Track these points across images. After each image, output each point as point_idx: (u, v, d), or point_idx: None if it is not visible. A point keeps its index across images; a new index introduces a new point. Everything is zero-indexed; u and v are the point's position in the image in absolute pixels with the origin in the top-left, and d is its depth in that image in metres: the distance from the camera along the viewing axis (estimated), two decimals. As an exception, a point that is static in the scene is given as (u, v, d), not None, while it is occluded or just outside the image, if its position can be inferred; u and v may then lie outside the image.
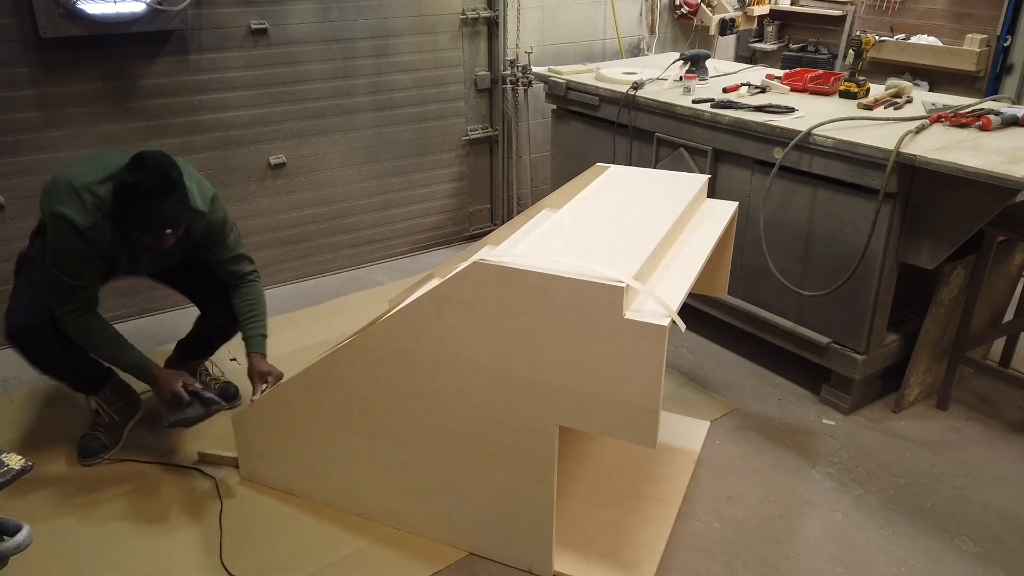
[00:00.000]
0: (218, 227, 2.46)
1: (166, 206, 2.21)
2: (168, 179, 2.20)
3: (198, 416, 2.38)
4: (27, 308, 2.38)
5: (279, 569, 2.18)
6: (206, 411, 2.39)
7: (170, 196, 2.21)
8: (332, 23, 3.68)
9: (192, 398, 2.37)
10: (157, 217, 2.21)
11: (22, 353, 2.39)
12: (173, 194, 2.22)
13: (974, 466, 2.63)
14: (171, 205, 2.22)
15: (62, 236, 2.25)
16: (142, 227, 2.23)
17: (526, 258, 1.85)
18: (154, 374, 2.38)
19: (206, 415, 2.39)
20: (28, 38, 3.02)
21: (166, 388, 2.35)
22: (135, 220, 2.22)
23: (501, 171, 4.50)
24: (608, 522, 2.33)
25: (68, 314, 2.32)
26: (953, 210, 2.50)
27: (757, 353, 3.27)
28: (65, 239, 2.25)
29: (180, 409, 2.37)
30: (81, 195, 2.24)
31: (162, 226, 2.23)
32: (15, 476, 1.33)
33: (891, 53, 4.79)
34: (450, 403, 2.05)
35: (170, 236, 2.27)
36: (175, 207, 2.23)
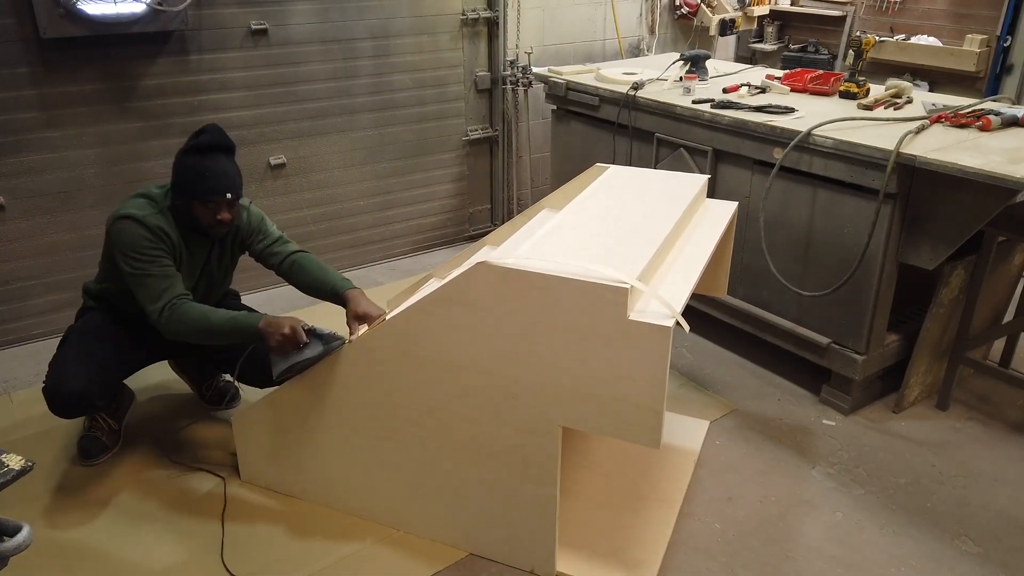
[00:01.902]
0: (259, 218, 2.54)
1: (228, 166, 2.30)
2: (228, 140, 2.33)
3: (316, 356, 2.15)
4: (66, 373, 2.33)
5: (279, 569, 2.17)
6: (326, 348, 2.16)
7: (230, 158, 2.32)
8: (332, 23, 3.68)
9: (310, 337, 2.16)
10: (219, 177, 2.26)
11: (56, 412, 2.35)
12: (228, 158, 2.32)
13: (974, 466, 2.63)
14: (231, 167, 2.31)
15: (127, 234, 2.25)
16: (203, 187, 2.26)
17: (530, 259, 1.85)
18: (261, 328, 2.18)
19: (326, 353, 2.16)
20: (28, 38, 3.02)
21: (278, 333, 2.14)
22: (197, 180, 2.26)
23: (501, 171, 4.51)
24: (609, 522, 2.33)
25: (163, 311, 2.22)
26: (953, 210, 2.51)
27: (757, 353, 3.27)
28: (130, 235, 2.25)
29: (295, 353, 2.15)
30: (138, 198, 2.34)
31: (224, 186, 2.27)
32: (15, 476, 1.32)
33: (891, 53, 4.80)
34: (453, 404, 2.05)
35: (227, 206, 2.31)
36: (234, 170, 2.32)
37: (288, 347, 2.15)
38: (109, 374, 2.42)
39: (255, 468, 2.47)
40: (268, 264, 2.54)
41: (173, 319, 2.23)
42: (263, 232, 2.53)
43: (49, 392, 2.33)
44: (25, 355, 3.29)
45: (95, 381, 2.34)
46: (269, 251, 2.52)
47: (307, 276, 2.48)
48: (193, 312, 2.24)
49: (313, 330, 2.17)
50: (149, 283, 2.25)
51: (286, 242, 2.55)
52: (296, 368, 2.16)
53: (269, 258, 2.53)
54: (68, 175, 3.27)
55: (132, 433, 2.73)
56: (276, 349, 2.16)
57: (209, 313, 2.24)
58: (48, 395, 2.34)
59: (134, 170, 3.41)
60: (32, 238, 3.27)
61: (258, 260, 2.56)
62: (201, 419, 2.82)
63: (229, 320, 2.23)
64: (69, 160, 3.26)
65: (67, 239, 3.35)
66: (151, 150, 3.43)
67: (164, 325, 2.24)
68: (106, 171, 3.35)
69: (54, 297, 3.39)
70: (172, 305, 2.23)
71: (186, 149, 2.30)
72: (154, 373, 2.96)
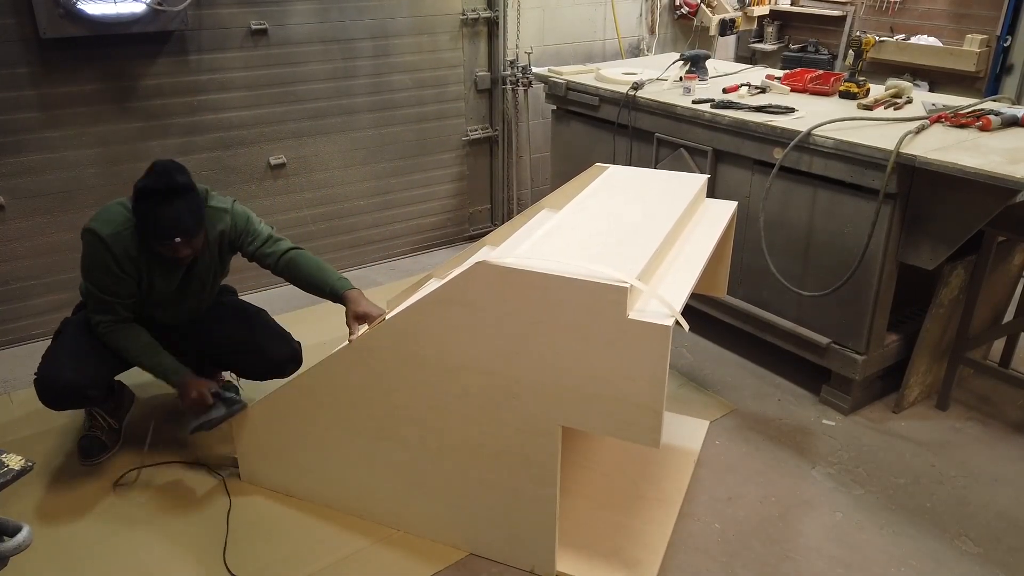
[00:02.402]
0: (244, 219, 2.48)
1: (174, 210, 2.20)
2: (174, 183, 2.21)
3: (220, 418, 2.37)
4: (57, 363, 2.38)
5: (280, 569, 2.17)
6: (228, 411, 2.38)
7: (177, 200, 2.21)
8: (332, 24, 3.68)
9: (215, 400, 2.37)
10: (167, 221, 2.20)
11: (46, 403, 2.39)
12: (181, 199, 2.22)
13: (974, 466, 2.63)
14: (179, 210, 2.21)
15: (88, 249, 2.30)
16: (152, 232, 2.24)
17: (529, 259, 1.85)
18: (181, 380, 2.37)
19: (228, 415, 2.38)
20: (28, 38, 3.02)
21: (191, 393, 2.34)
22: (146, 225, 2.24)
23: (501, 171, 4.51)
24: (609, 522, 2.33)
25: (101, 324, 2.36)
26: (953, 210, 2.51)
27: (757, 353, 3.27)
28: (91, 251, 2.29)
29: (204, 412, 2.36)
30: (111, 209, 2.33)
31: (172, 231, 2.21)
32: (15, 476, 1.33)
33: (891, 53, 4.80)
34: (453, 404, 2.05)
35: (182, 246, 2.26)
36: (184, 213, 2.22)
37: (196, 410, 2.37)
38: (101, 366, 2.42)
39: (255, 468, 2.47)
40: (263, 265, 2.51)
41: (108, 336, 2.38)
42: (251, 233, 2.48)
43: (39, 383, 2.35)
44: (25, 355, 3.29)
45: (86, 373, 2.36)
46: (261, 252, 2.48)
47: (304, 275, 2.46)
48: (128, 340, 2.38)
49: (219, 394, 2.38)
50: (95, 299, 2.36)
51: (277, 240, 2.50)
52: (204, 426, 2.39)
53: (263, 259, 2.49)
54: (68, 175, 3.27)
55: (132, 433, 2.73)
56: (186, 408, 2.39)
57: (142, 349, 2.39)
58: (38, 386, 2.36)
59: (134, 170, 3.39)
60: (32, 238, 3.27)
61: (252, 261, 2.53)
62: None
63: (155, 364, 2.39)
64: (69, 160, 3.26)
65: (67, 239, 3.34)
66: (151, 150, 3.43)
67: (100, 337, 2.39)
68: (106, 171, 3.35)
69: (54, 297, 3.39)
70: (108, 325, 2.37)
71: (136, 191, 2.23)
72: (154, 373, 2.96)
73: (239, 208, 2.49)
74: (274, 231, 2.54)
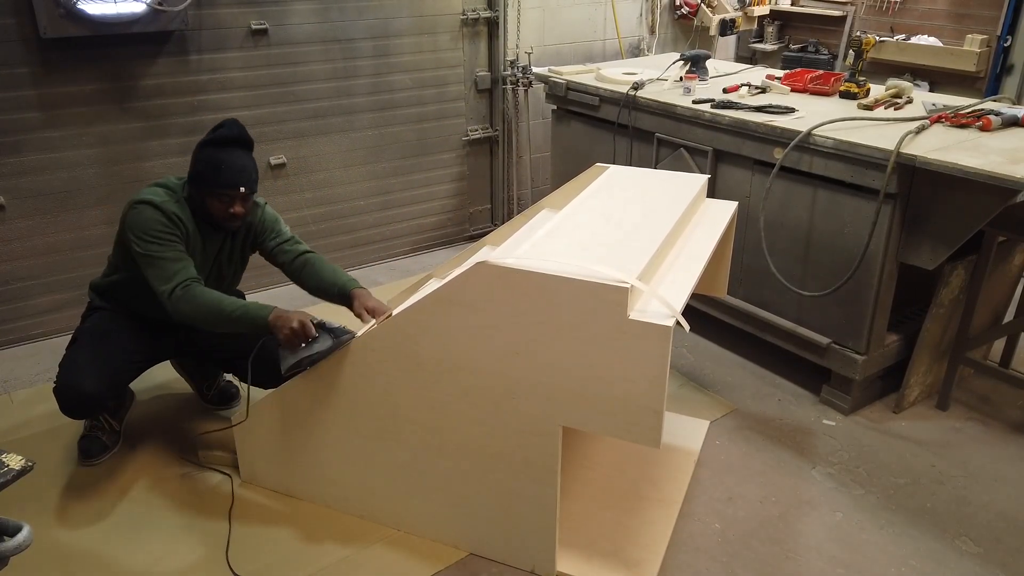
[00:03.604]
0: (272, 218, 2.55)
1: (244, 159, 2.32)
2: (247, 136, 2.35)
3: (325, 351, 2.13)
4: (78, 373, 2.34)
5: (281, 568, 2.17)
6: (336, 342, 2.13)
7: (247, 153, 2.34)
8: (332, 24, 3.68)
9: (319, 331, 2.14)
10: (236, 168, 2.28)
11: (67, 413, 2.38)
12: (249, 152, 2.35)
13: (974, 466, 2.63)
14: (248, 161, 2.33)
15: (142, 217, 2.26)
16: (219, 178, 2.27)
17: (530, 259, 1.85)
18: (270, 321, 2.16)
19: (336, 347, 2.13)
20: (28, 38, 3.02)
21: (292, 322, 2.12)
22: (215, 170, 2.27)
23: (501, 171, 4.51)
24: (610, 522, 2.33)
25: (174, 291, 2.22)
26: (953, 210, 2.51)
27: (757, 353, 3.27)
28: (145, 219, 2.26)
29: (305, 347, 2.13)
30: (151, 188, 2.35)
31: (238, 180, 2.29)
32: (15, 476, 1.32)
33: (891, 53, 4.80)
34: (453, 404, 2.05)
35: (242, 199, 2.32)
36: (251, 165, 2.34)
37: (297, 341, 2.12)
38: (119, 375, 2.43)
39: (255, 469, 2.47)
40: (278, 262, 2.52)
41: (184, 299, 2.21)
42: (276, 232, 2.53)
43: (62, 393, 2.34)
44: (25, 355, 3.29)
45: (106, 383, 2.36)
46: (280, 248, 2.50)
47: (317, 276, 2.46)
48: (205, 296, 2.23)
49: (323, 324, 2.15)
50: (161, 264, 2.25)
51: (298, 242, 2.55)
52: (305, 363, 2.14)
53: (279, 255, 2.51)
54: (68, 175, 3.27)
55: (133, 433, 2.73)
56: (285, 343, 2.13)
57: (221, 298, 2.23)
58: (61, 396, 2.34)
59: (134, 170, 3.41)
60: (32, 238, 3.27)
61: (268, 258, 2.55)
62: (202, 419, 2.82)
63: (240, 308, 2.21)
64: (69, 160, 3.26)
65: (67, 239, 3.34)
66: (151, 150, 3.43)
67: (174, 305, 2.22)
68: (106, 171, 3.35)
69: (54, 297, 3.39)
70: (185, 285, 2.23)
71: (204, 142, 2.31)
72: (155, 373, 2.95)
73: (271, 209, 2.58)
74: (296, 235, 2.59)
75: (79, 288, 2.66)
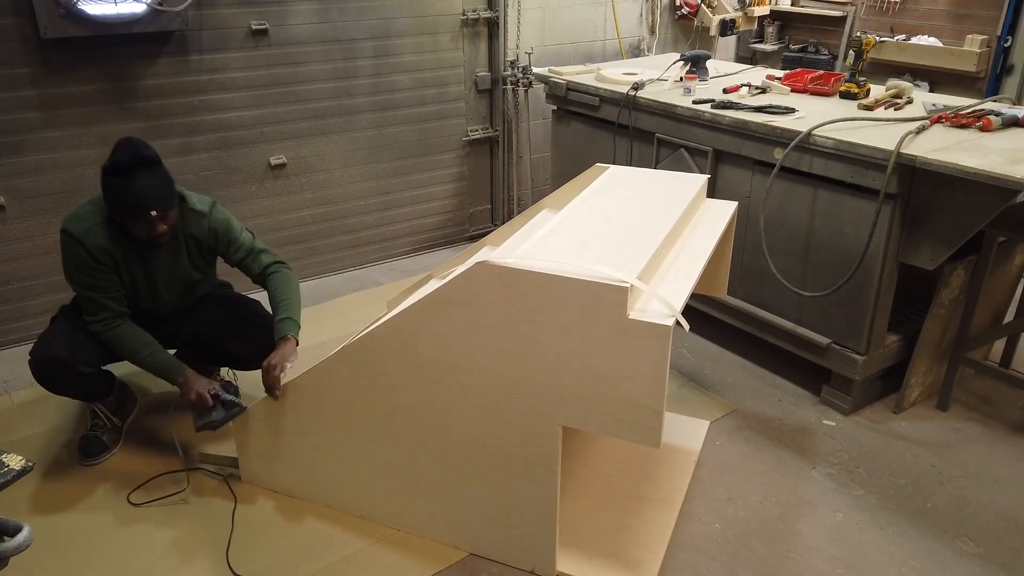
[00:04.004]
0: (224, 228, 2.47)
1: (142, 183, 2.20)
2: (141, 155, 2.21)
3: (220, 420, 2.36)
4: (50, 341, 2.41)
5: (282, 568, 2.17)
6: (227, 415, 2.37)
7: (145, 173, 2.21)
8: (332, 24, 3.68)
9: (215, 402, 2.36)
10: (136, 196, 2.20)
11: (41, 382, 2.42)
12: (149, 172, 2.22)
13: (974, 467, 2.63)
14: (148, 182, 2.21)
15: (64, 249, 2.30)
16: (125, 209, 2.23)
17: (530, 259, 1.85)
18: (181, 380, 2.36)
19: (227, 418, 2.37)
20: (29, 39, 3.02)
21: (191, 394, 2.34)
22: (119, 202, 2.23)
23: (501, 171, 4.51)
24: (610, 522, 2.33)
25: (98, 323, 2.36)
26: (953, 211, 2.51)
27: (757, 353, 3.27)
28: (66, 250, 2.30)
29: (206, 413, 2.36)
30: (79, 209, 2.34)
31: (144, 206, 2.21)
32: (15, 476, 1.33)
33: (891, 54, 4.80)
34: (453, 404, 2.05)
35: (157, 220, 2.25)
36: (153, 185, 2.22)
37: (197, 409, 2.36)
38: (92, 343, 2.41)
39: (255, 468, 2.47)
40: (246, 275, 2.56)
41: (105, 336, 2.37)
42: (234, 243, 2.49)
43: (33, 363, 2.38)
44: (25, 355, 3.25)
45: (79, 350, 2.37)
46: (245, 264, 2.52)
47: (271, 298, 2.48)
48: (125, 338, 2.38)
49: (218, 395, 2.36)
50: (85, 300, 2.36)
51: (259, 253, 2.51)
52: (208, 427, 2.37)
53: (246, 271, 2.54)
54: (68, 175, 3.27)
55: (133, 432, 2.73)
56: (190, 406, 2.37)
57: (139, 346, 2.38)
58: (32, 366, 2.38)
59: (134, 170, 3.41)
60: (32, 238, 3.27)
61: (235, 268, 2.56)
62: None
63: (154, 362, 2.38)
64: (69, 160, 3.26)
65: (67, 239, 3.35)
66: (151, 150, 3.43)
67: (99, 336, 2.38)
68: (106, 171, 3.35)
69: (54, 297, 3.38)
70: (105, 323, 2.36)
71: (104, 169, 2.22)
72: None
73: (219, 214, 2.48)
74: (256, 239, 2.54)
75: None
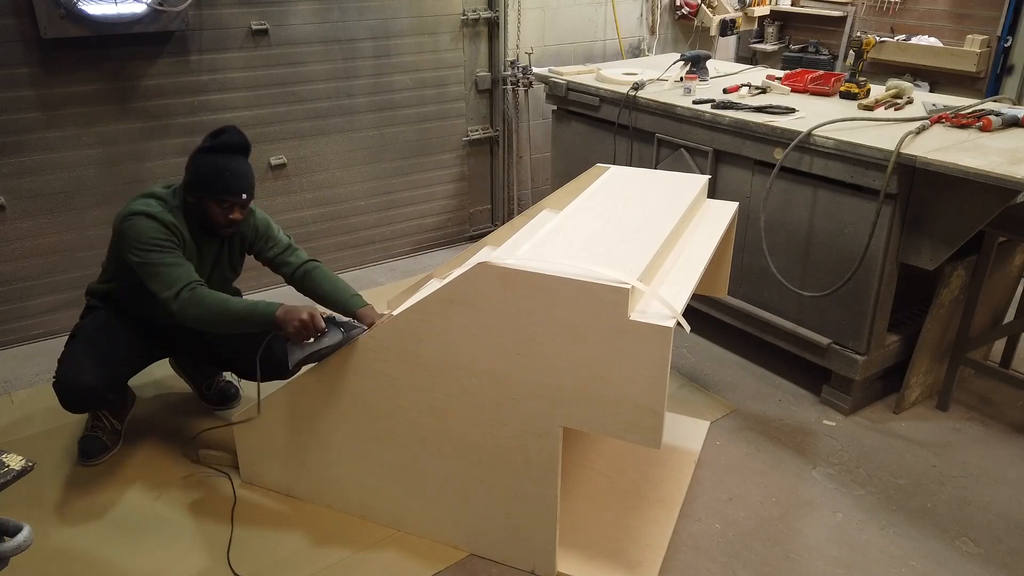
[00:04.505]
0: (265, 225, 2.55)
1: (245, 166, 2.33)
2: (244, 142, 2.34)
3: (335, 345, 2.11)
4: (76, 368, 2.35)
5: (282, 568, 2.17)
6: (346, 336, 2.12)
7: (243, 160, 2.34)
8: (333, 24, 3.68)
9: (328, 324, 2.13)
10: (239, 175, 2.30)
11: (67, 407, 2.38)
12: (246, 160, 2.35)
13: (975, 467, 2.63)
14: (246, 168, 2.33)
15: (138, 228, 2.26)
16: (218, 186, 2.28)
17: (530, 260, 1.85)
18: (279, 316, 2.15)
19: (345, 341, 2.12)
20: (29, 39, 3.02)
21: (301, 315, 2.11)
22: (213, 181, 2.28)
23: (502, 172, 4.51)
24: (610, 522, 2.33)
25: (177, 297, 2.20)
26: (954, 211, 2.51)
27: (757, 354, 3.27)
28: (141, 229, 2.26)
29: (314, 341, 2.12)
30: (145, 198, 2.35)
31: (241, 186, 2.30)
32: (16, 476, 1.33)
33: (892, 54, 4.80)
34: (453, 405, 2.05)
35: (240, 207, 2.34)
36: (249, 172, 2.34)
37: (306, 334, 2.11)
38: (118, 369, 2.44)
39: (255, 469, 2.47)
40: (279, 272, 2.56)
41: (191, 302, 2.20)
42: (272, 239, 2.55)
43: (61, 386, 2.35)
44: (25, 355, 3.29)
45: (105, 375, 2.37)
46: (281, 260, 2.54)
47: (319, 289, 2.49)
48: (211, 297, 2.23)
49: (332, 318, 2.16)
50: (163, 271, 2.24)
51: (295, 250, 2.57)
52: (314, 356, 2.12)
53: (281, 267, 2.55)
54: (68, 175, 3.27)
55: (133, 433, 2.73)
56: (294, 336, 2.12)
57: (227, 299, 2.23)
58: (60, 389, 2.35)
59: (134, 170, 3.41)
60: (32, 238, 3.27)
61: (267, 266, 2.58)
62: (202, 418, 2.82)
63: (247, 307, 2.20)
64: (69, 160, 3.26)
65: (67, 239, 3.35)
66: (151, 150, 3.43)
67: (181, 309, 2.20)
68: (106, 171, 3.35)
69: (54, 297, 3.39)
70: (191, 288, 2.22)
71: (205, 148, 2.31)
72: (154, 373, 2.96)
73: (260, 212, 2.56)
74: (292, 240, 2.59)
75: (79, 288, 2.66)
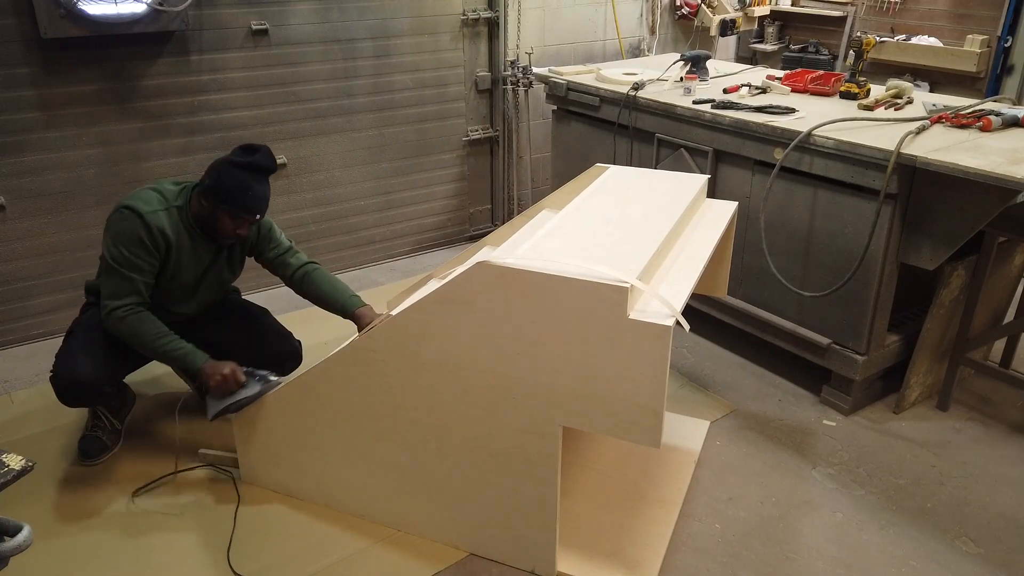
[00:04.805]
0: (267, 226, 2.59)
1: (264, 189, 2.36)
2: (273, 165, 2.38)
3: (253, 396, 2.27)
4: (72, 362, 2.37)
5: (282, 568, 2.17)
6: (264, 387, 2.28)
7: (267, 181, 2.37)
8: (333, 24, 3.68)
9: (247, 378, 2.28)
10: (259, 197, 2.34)
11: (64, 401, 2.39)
12: (268, 181, 2.38)
13: (975, 467, 2.63)
14: (267, 190, 2.37)
15: (123, 225, 2.29)
16: (240, 202, 2.30)
17: (530, 259, 1.85)
18: (203, 368, 2.29)
19: (263, 392, 2.28)
20: (29, 39, 3.02)
21: (223, 369, 2.25)
22: (235, 196, 2.29)
23: (502, 172, 4.51)
24: (610, 522, 2.32)
25: (120, 309, 2.28)
26: (954, 211, 2.50)
27: (757, 354, 3.27)
28: (125, 225, 2.29)
29: (233, 392, 2.26)
30: (145, 192, 2.36)
31: (257, 209, 2.35)
32: (16, 476, 1.32)
33: (892, 54, 4.80)
34: (453, 404, 2.05)
35: (250, 225, 2.39)
36: (268, 195, 2.38)
37: (226, 388, 2.27)
38: (115, 363, 2.45)
39: (255, 468, 2.47)
40: (278, 273, 2.60)
41: (126, 323, 2.29)
42: (273, 241, 2.58)
43: (58, 380, 2.36)
44: (25, 355, 3.29)
45: (102, 369, 2.38)
46: (281, 261, 2.58)
47: (318, 291, 2.55)
48: (147, 325, 2.31)
49: (252, 372, 2.30)
50: (117, 279, 2.31)
51: (296, 252, 2.61)
52: (231, 408, 2.29)
53: (280, 268, 2.59)
54: (68, 175, 3.28)
55: (133, 432, 2.73)
56: (214, 390, 2.28)
57: (161, 334, 2.32)
58: (57, 383, 2.36)
59: (134, 170, 3.41)
60: (32, 238, 3.27)
61: (266, 267, 2.61)
62: (202, 418, 2.81)
63: (177, 350, 2.32)
64: (69, 160, 3.26)
65: (67, 239, 3.35)
66: (151, 150, 3.43)
67: (113, 323, 2.30)
68: (106, 171, 3.35)
69: (54, 297, 3.39)
70: (130, 309, 2.30)
71: (237, 163, 2.31)
72: (155, 373, 2.96)
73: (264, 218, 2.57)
74: (292, 243, 2.62)
75: (79, 288, 2.67)
